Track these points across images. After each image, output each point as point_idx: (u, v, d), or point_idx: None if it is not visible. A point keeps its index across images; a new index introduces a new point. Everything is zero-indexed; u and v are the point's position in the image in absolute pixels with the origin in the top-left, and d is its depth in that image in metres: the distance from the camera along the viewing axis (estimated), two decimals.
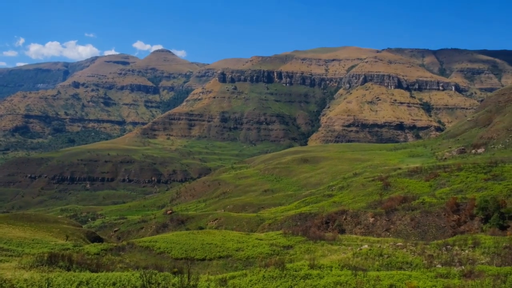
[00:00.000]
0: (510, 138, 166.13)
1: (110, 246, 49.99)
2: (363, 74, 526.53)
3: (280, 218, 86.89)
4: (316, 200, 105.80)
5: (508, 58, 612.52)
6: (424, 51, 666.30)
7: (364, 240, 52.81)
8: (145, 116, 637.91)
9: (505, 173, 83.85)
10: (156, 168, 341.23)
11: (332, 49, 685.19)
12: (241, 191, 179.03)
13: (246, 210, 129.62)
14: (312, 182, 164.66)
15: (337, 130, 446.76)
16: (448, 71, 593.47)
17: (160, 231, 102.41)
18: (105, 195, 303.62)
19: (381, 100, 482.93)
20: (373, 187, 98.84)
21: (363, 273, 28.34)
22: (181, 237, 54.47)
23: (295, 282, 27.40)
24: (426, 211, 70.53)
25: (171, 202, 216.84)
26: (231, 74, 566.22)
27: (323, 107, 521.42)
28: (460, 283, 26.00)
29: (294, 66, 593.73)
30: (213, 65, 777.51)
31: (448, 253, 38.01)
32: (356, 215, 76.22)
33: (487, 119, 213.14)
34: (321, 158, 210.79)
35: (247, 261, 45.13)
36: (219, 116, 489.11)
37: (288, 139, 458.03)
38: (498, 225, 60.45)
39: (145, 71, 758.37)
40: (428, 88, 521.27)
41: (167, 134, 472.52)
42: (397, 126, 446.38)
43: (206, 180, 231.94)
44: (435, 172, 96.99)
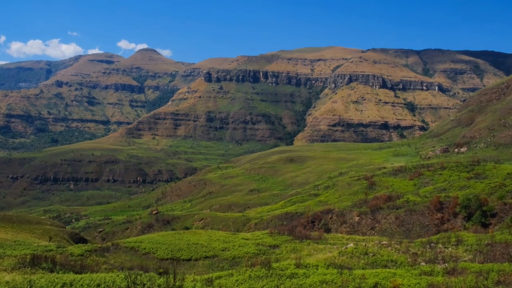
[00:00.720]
0: (491, 137, 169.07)
1: (95, 247, 49.42)
2: (348, 74, 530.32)
3: (266, 217, 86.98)
4: (302, 199, 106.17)
5: (490, 58, 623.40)
6: (408, 51, 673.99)
7: (350, 239, 53.19)
8: (130, 116, 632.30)
9: (487, 172, 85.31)
10: (142, 168, 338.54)
11: (318, 49, 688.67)
12: (227, 191, 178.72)
13: (232, 210, 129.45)
14: (298, 181, 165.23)
15: (322, 130, 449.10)
16: (432, 71, 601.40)
17: (145, 231, 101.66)
18: (89, 195, 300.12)
19: (366, 100, 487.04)
20: (359, 186, 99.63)
21: (348, 272, 28.52)
22: (167, 238, 54.14)
23: (281, 281, 27.43)
24: (410, 209, 71.36)
25: (156, 202, 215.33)
26: (217, 73, 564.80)
27: (309, 107, 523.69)
28: (443, 280, 26.33)
29: (280, 66, 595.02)
30: (199, 64, 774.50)
31: (432, 251, 38.50)
32: (342, 214, 76.74)
33: (469, 118, 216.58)
34: (307, 158, 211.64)
35: (233, 261, 45.07)
36: (205, 116, 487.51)
37: (274, 139, 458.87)
38: (480, 222, 61.49)
39: (130, 70, 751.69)
40: (412, 88, 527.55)
41: (153, 133, 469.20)
42: (382, 125, 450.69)
43: (192, 180, 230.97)
44: (419, 171, 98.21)
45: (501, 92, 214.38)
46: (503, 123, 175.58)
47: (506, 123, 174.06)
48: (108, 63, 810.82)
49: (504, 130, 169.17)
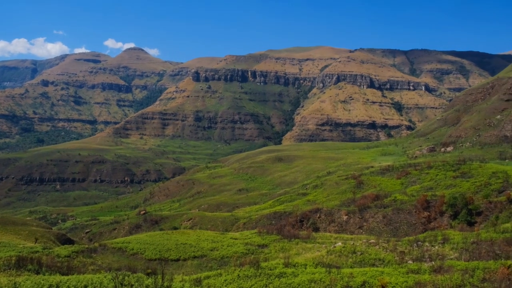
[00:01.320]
0: (477, 137, 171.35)
1: (82, 248, 48.93)
2: (336, 73, 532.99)
3: (255, 217, 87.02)
4: (290, 198, 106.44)
5: (475, 59, 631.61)
6: (395, 52, 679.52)
7: (338, 237, 53.46)
8: (117, 115, 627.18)
9: (473, 171, 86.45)
10: (129, 168, 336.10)
11: (306, 48, 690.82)
12: (215, 190, 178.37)
13: (221, 209, 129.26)
14: (287, 181, 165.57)
15: (311, 129, 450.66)
16: (418, 71, 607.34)
17: (133, 232, 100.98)
18: (76, 196, 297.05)
19: (354, 99, 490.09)
20: (347, 185, 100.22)
21: (337, 271, 28.66)
22: (155, 238, 53.85)
23: (270, 280, 27.45)
24: (397, 208, 71.99)
25: (144, 203, 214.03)
26: (205, 73, 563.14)
27: (297, 106, 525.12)
28: (430, 278, 26.60)
29: (268, 65, 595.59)
30: (187, 64, 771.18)
31: (419, 249, 38.89)
32: (330, 213, 77.10)
33: (455, 118, 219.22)
34: (295, 157, 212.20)
35: (222, 260, 45.00)
36: (193, 115, 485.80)
37: (262, 138, 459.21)
38: (466, 221, 62.27)
39: (117, 69, 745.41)
40: (399, 88, 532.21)
41: (140, 133, 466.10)
42: (369, 125, 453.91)
43: (180, 180, 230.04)
44: (406, 170, 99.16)
45: (486, 92, 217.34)
46: (488, 123, 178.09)
47: (491, 123, 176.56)
48: (95, 62, 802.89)
49: (489, 129, 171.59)
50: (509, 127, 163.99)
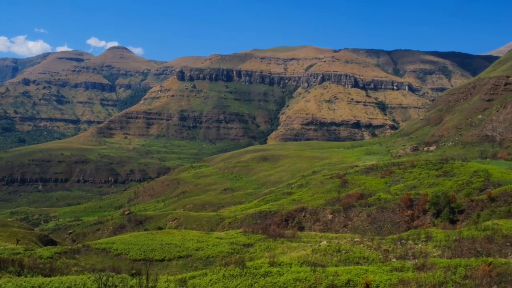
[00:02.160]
0: (459, 136, 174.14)
1: (64, 249, 48.27)
2: (321, 73, 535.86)
3: (240, 216, 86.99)
4: (275, 198, 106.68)
5: (457, 59, 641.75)
6: (379, 52, 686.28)
7: (323, 236, 53.75)
8: (101, 115, 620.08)
9: (455, 170, 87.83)
10: (113, 168, 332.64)
11: (291, 48, 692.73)
12: (200, 190, 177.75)
13: (206, 209, 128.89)
14: (272, 180, 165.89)
15: (296, 129, 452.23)
16: (402, 71, 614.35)
17: (117, 232, 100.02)
18: (59, 196, 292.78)
19: (338, 99, 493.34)
20: (331, 185, 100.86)
21: (322, 269, 28.82)
22: (140, 238, 53.42)
23: (255, 280, 27.47)
24: (381, 207, 72.74)
25: (128, 203, 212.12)
26: (190, 72, 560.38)
27: (282, 106, 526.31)
28: (413, 276, 26.92)
29: (253, 65, 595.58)
30: (172, 63, 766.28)
31: (402, 247, 39.35)
32: (315, 212, 77.50)
33: (438, 118, 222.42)
34: (280, 157, 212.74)
35: (207, 260, 44.87)
36: (178, 115, 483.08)
37: (247, 138, 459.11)
38: (449, 219, 63.25)
39: (101, 68, 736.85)
40: (383, 88, 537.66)
41: (124, 133, 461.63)
42: (354, 124, 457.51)
43: (165, 180, 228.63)
44: (390, 169, 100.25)
45: (468, 92, 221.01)
46: (470, 122, 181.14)
47: (473, 122, 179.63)
48: (78, 61, 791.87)
49: (471, 129, 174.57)
50: (490, 126, 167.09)
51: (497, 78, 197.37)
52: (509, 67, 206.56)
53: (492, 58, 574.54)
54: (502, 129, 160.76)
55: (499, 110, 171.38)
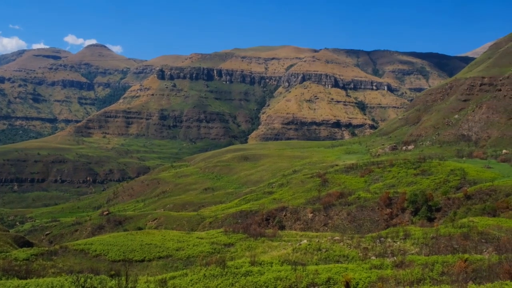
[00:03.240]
0: (436, 136, 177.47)
1: (41, 251, 47.30)
2: (301, 73, 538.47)
3: (221, 216, 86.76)
4: (256, 197, 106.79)
5: (434, 60, 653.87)
6: (359, 52, 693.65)
7: (304, 235, 54.03)
8: (78, 114, 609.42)
9: (432, 168, 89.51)
10: (92, 168, 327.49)
11: (272, 47, 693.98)
12: (181, 189, 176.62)
13: (187, 209, 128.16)
14: (253, 179, 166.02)
15: (276, 128, 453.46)
16: (381, 72, 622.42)
17: (96, 233, 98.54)
18: (35, 197, 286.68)
19: (319, 98, 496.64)
20: (312, 184, 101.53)
21: (302, 268, 28.96)
22: (119, 239, 52.75)
23: (236, 279, 27.43)
24: (361, 205, 73.57)
25: (107, 203, 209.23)
26: (170, 71, 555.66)
27: (263, 106, 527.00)
28: (392, 273, 27.30)
29: (234, 64, 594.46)
30: (151, 61, 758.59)
31: (381, 245, 39.86)
32: (296, 211, 77.86)
33: (416, 117, 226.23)
34: (261, 156, 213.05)
35: (188, 260, 44.61)
36: (158, 114, 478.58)
37: (228, 137, 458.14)
38: (426, 217, 64.42)
39: (79, 66, 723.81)
40: (363, 88, 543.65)
41: (103, 132, 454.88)
42: (334, 124, 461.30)
43: (145, 179, 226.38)
44: (370, 168, 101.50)
45: (445, 93, 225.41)
46: (447, 122, 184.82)
47: (450, 122, 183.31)
48: (55, 58, 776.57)
49: (448, 128, 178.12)
50: (466, 126, 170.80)
51: (473, 78, 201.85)
52: (485, 68, 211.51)
53: (468, 59, 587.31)
54: (477, 129, 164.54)
55: (475, 110, 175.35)
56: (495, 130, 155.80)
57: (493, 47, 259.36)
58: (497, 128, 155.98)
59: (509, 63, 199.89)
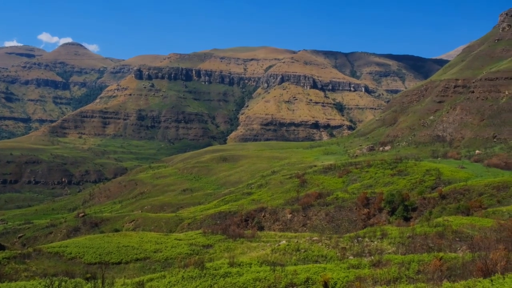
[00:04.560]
0: (412, 136, 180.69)
1: (13, 254, 46.00)
2: (280, 74, 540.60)
3: (200, 217, 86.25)
4: (235, 198, 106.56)
5: (410, 62, 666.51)
6: (337, 53, 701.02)
7: (282, 236, 54.13)
8: (53, 113, 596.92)
9: (409, 169, 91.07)
10: (67, 169, 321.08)
11: (251, 48, 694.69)
12: (159, 191, 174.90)
13: (165, 210, 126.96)
14: (232, 180, 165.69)
15: (255, 129, 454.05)
16: (359, 73, 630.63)
17: (71, 235, 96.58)
18: (7, 198, 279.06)
19: (297, 99, 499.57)
20: (291, 184, 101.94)
21: (281, 268, 28.98)
22: (95, 241, 51.82)
23: (214, 281, 27.25)
24: (339, 206, 74.24)
25: (83, 204, 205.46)
26: (148, 71, 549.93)
27: (242, 106, 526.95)
28: (369, 272, 27.57)
29: (213, 64, 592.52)
30: (129, 61, 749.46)
31: (359, 244, 40.26)
32: (275, 212, 78.02)
33: (393, 118, 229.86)
34: (240, 157, 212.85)
35: (166, 262, 44.14)
36: (135, 114, 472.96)
37: (207, 138, 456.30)
38: (403, 216, 65.47)
39: (54, 65, 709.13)
40: (341, 89, 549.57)
41: (79, 132, 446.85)
42: (312, 125, 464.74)
43: (122, 180, 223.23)
44: (348, 169, 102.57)
45: (420, 94, 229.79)
46: (423, 123, 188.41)
47: (425, 123, 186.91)
48: (29, 56, 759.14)
49: (423, 129, 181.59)
50: (441, 127, 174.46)
51: (447, 81, 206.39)
52: (458, 71, 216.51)
53: (442, 61, 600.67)
54: (452, 130, 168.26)
55: (449, 112, 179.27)
56: (468, 131, 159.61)
57: (466, 50, 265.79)
58: (470, 129, 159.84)
59: (481, 65, 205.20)
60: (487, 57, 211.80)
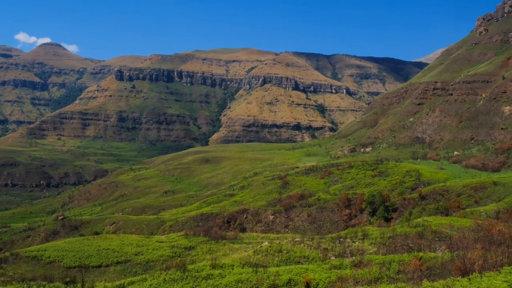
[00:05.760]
0: (393, 138, 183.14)
1: None
2: (262, 75, 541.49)
3: (182, 219, 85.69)
4: (217, 200, 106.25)
5: (391, 65, 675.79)
6: (319, 56, 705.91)
7: (265, 237, 54.18)
8: (31, 115, 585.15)
9: (389, 170, 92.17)
10: (46, 171, 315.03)
11: (233, 50, 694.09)
12: (140, 193, 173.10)
13: (146, 212, 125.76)
14: (214, 182, 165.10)
15: (237, 130, 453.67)
16: (340, 75, 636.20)
17: (50, 239, 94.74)
18: None
19: (279, 101, 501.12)
20: (273, 186, 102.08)
21: (263, 270, 28.99)
22: (74, 244, 50.97)
23: (197, 283, 27.10)
24: (321, 207, 74.67)
25: (63, 207, 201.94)
26: (129, 72, 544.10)
27: (224, 108, 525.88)
28: (351, 273, 27.80)
29: (195, 65, 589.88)
30: (109, 61, 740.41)
31: (341, 245, 40.56)
32: (257, 214, 78.03)
33: (373, 120, 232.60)
34: (222, 158, 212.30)
35: (147, 265, 43.70)
36: (116, 116, 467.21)
37: (189, 139, 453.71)
38: (384, 217, 66.25)
39: (32, 65, 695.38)
40: (322, 91, 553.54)
41: (58, 134, 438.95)
42: (294, 126, 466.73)
43: (103, 183, 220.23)
44: (329, 170, 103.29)
45: (400, 96, 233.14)
46: (403, 125, 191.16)
47: (405, 125, 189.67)
48: (6, 57, 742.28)
49: (403, 131, 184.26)
50: (420, 129, 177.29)
51: (427, 83, 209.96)
52: (437, 74, 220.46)
53: (422, 64, 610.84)
54: (431, 131, 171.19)
55: (428, 114, 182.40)
56: (447, 133, 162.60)
57: (445, 54, 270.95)
58: (449, 131, 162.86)
59: (459, 69, 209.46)
60: (465, 60, 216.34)
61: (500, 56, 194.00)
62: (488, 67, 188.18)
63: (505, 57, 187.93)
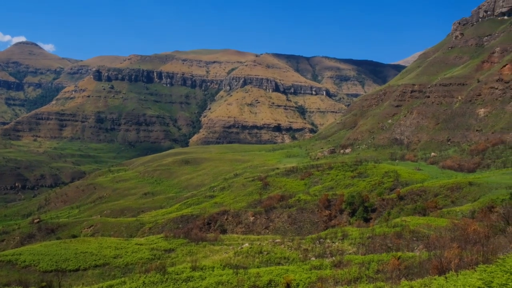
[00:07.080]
0: (372, 139, 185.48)
1: None
2: (243, 77, 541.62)
3: (161, 221, 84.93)
4: (197, 201, 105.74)
5: (370, 67, 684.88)
6: (299, 57, 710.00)
7: (245, 238, 54.13)
8: (6, 115, 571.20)
9: (368, 171, 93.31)
10: (21, 173, 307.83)
11: (213, 51, 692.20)
12: (119, 195, 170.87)
13: (125, 214, 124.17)
14: (194, 183, 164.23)
15: (218, 132, 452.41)
16: (320, 77, 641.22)
17: (25, 242, 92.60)
18: None
19: (260, 102, 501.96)
20: (253, 187, 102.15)
21: (244, 271, 28.94)
22: (51, 248, 49.95)
23: (177, 285, 26.87)
24: (301, 208, 75.07)
25: (39, 210, 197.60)
26: (107, 72, 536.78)
27: (204, 109, 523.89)
28: (331, 273, 27.99)
29: (174, 66, 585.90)
30: (87, 61, 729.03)
31: (321, 246, 40.82)
32: (237, 215, 77.93)
33: (353, 122, 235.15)
34: (202, 160, 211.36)
35: (126, 268, 43.14)
36: (94, 116, 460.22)
37: (168, 141, 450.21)
38: (363, 217, 67.00)
39: (6, 64, 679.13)
40: (303, 93, 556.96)
41: (34, 135, 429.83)
42: (275, 127, 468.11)
43: (80, 185, 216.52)
44: (309, 171, 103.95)
45: (379, 99, 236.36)
46: (381, 126, 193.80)
47: (384, 126, 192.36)
48: None
49: (382, 132, 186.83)
50: (398, 130, 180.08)
51: (405, 86, 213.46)
52: (415, 76, 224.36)
53: (400, 67, 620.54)
54: (409, 133, 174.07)
55: (406, 116, 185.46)
56: (424, 134, 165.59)
57: (422, 57, 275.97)
58: (426, 133, 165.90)
59: (436, 71, 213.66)
60: (442, 63, 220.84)
61: (475, 60, 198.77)
62: (464, 70, 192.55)
63: (479, 60, 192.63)
